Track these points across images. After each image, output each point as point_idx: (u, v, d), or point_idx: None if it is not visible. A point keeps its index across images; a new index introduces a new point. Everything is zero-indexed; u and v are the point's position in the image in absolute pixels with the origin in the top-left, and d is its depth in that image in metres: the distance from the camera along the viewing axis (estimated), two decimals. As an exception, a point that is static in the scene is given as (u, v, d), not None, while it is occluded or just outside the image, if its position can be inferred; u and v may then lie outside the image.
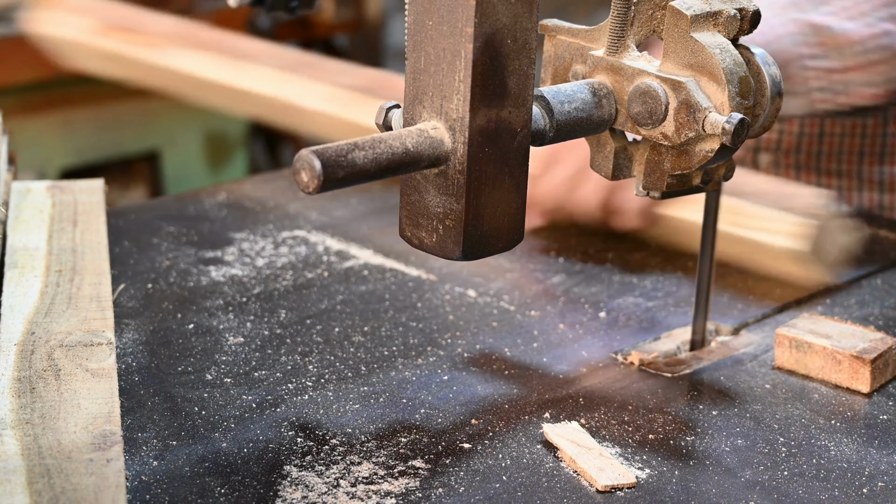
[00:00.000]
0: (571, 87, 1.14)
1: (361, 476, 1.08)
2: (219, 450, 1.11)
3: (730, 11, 1.13)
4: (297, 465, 1.09)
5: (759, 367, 1.30)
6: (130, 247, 1.51)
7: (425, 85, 1.04)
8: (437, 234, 1.06)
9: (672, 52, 1.13)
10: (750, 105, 1.12)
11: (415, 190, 1.07)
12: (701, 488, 1.08)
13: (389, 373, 1.26)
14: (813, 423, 1.20)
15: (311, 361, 1.27)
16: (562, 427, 1.15)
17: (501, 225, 1.07)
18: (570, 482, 1.09)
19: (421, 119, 1.04)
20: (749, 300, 1.46)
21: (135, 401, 1.18)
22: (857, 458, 1.14)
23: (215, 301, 1.38)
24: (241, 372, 1.24)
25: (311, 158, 0.96)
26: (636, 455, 1.13)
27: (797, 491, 1.09)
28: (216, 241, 1.54)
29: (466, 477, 1.09)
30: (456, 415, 1.18)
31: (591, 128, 1.15)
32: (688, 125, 1.11)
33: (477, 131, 1.02)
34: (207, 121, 2.93)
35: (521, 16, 1.02)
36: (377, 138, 1.01)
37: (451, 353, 1.30)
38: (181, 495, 1.04)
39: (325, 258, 1.51)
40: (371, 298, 1.41)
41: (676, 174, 1.16)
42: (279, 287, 1.43)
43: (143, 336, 1.30)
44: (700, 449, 1.15)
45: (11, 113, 1.66)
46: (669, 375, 1.28)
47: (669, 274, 1.52)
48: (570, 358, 1.30)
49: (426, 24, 1.02)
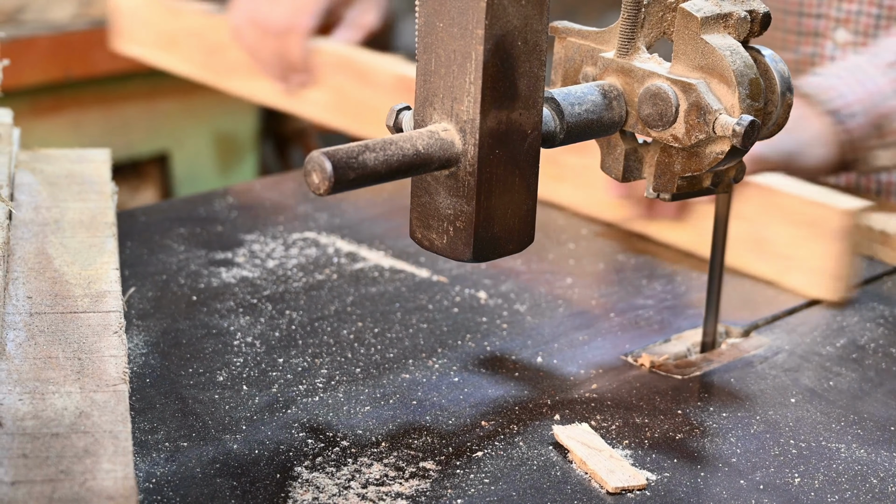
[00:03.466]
0: (582, 89, 1.14)
1: (372, 478, 1.08)
2: (230, 451, 1.11)
3: (740, 13, 1.13)
4: (307, 467, 1.09)
5: (769, 370, 1.30)
6: (141, 248, 1.52)
7: (436, 87, 1.04)
8: (448, 235, 1.06)
9: (682, 54, 1.13)
10: (760, 106, 1.12)
11: (425, 192, 1.07)
12: (711, 490, 1.08)
13: (400, 374, 1.26)
14: (824, 425, 1.20)
15: (322, 363, 1.27)
16: (572, 429, 1.15)
17: (512, 226, 1.07)
18: (580, 484, 1.09)
19: (431, 121, 1.04)
20: (759, 302, 1.46)
21: (146, 402, 1.18)
22: (867, 460, 1.14)
23: (226, 303, 1.39)
24: (251, 373, 1.24)
25: (322, 160, 0.97)
26: (647, 457, 1.13)
27: (808, 493, 1.09)
28: (227, 242, 1.54)
29: (477, 479, 1.09)
30: (466, 416, 1.18)
31: (602, 130, 1.15)
32: (698, 127, 1.11)
33: (487, 133, 1.02)
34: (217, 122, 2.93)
35: (531, 18, 1.02)
36: (388, 140, 1.01)
37: (462, 355, 1.30)
38: (192, 496, 1.04)
39: (335, 260, 1.51)
40: (381, 300, 1.41)
41: (687, 176, 1.16)
42: (290, 289, 1.43)
43: (153, 337, 1.30)
44: (710, 451, 1.15)
45: (21, 115, 1.66)
46: (680, 377, 1.28)
47: (679, 276, 1.52)
48: (581, 360, 1.30)
49: (437, 26, 1.02)
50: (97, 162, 1.53)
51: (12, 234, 1.31)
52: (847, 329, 1.39)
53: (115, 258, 1.29)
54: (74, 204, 1.41)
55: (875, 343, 1.36)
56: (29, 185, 1.44)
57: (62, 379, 1.08)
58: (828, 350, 1.34)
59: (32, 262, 1.27)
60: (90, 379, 1.08)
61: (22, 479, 0.94)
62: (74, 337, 1.15)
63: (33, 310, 1.19)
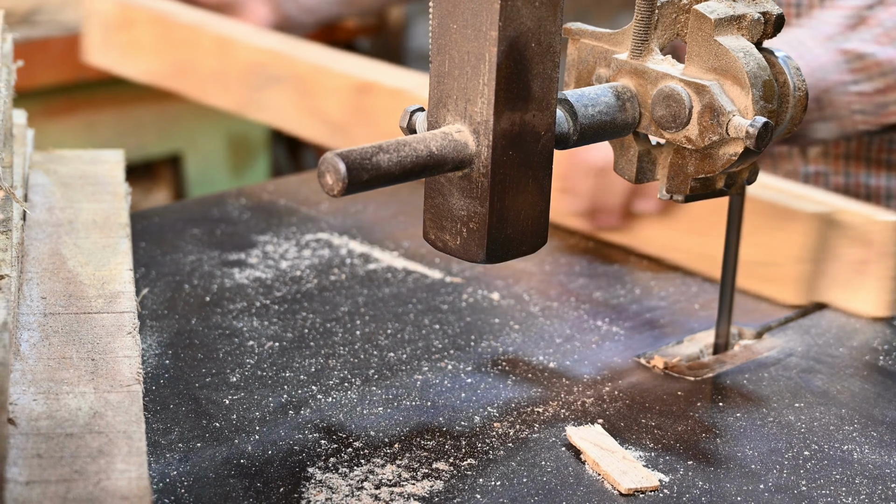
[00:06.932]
0: (595, 91, 1.14)
1: (385, 478, 1.08)
2: (243, 452, 1.11)
3: (753, 15, 1.13)
4: (320, 468, 1.09)
5: (782, 371, 1.30)
6: (154, 249, 1.52)
7: (449, 88, 1.04)
8: (461, 236, 1.06)
9: (696, 56, 1.13)
10: (774, 108, 1.12)
11: (439, 193, 1.07)
12: (724, 492, 1.08)
13: (413, 375, 1.26)
14: (837, 427, 1.19)
15: (335, 364, 1.27)
16: (585, 430, 1.15)
17: (525, 228, 1.07)
18: (593, 485, 1.09)
19: (445, 122, 1.05)
20: (772, 303, 1.45)
21: (159, 403, 1.18)
22: (881, 463, 1.14)
23: (239, 303, 1.39)
24: (265, 374, 1.24)
25: (336, 161, 0.97)
26: (659, 458, 1.13)
27: (822, 496, 1.08)
28: (240, 243, 1.55)
29: (489, 480, 1.09)
30: (479, 417, 1.19)
31: (615, 131, 1.15)
32: (711, 129, 1.11)
33: (501, 134, 1.02)
34: (229, 124, 2.93)
35: (545, 19, 1.02)
36: (402, 141, 1.01)
37: (475, 356, 1.30)
38: (206, 497, 1.04)
39: (348, 261, 1.51)
40: (394, 301, 1.41)
41: (700, 178, 1.16)
42: (303, 289, 1.43)
43: (167, 338, 1.30)
44: (723, 453, 1.14)
45: (35, 116, 1.67)
46: (693, 379, 1.28)
47: (692, 277, 1.52)
48: (594, 361, 1.30)
49: (450, 27, 1.03)
50: (111, 163, 1.54)
51: (26, 235, 1.32)
52: (860, 331, 1.39)
53: (128, 259, 1.30)
54: (88, 205, 1.41)
55: (888, 345, 1.36)
56: (43, 186, 1.45)
57: (76, 379, 1.08)
58: (841, 352, 1.34)
59: (46, 263, 1.28)
60: (104, 379, 1.09)
61: (36, 479, 0.95)
62: (88, 337, 1.15)
63: (47, 310, 1.19)
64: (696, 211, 1.51)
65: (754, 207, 1.44)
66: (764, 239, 1.45)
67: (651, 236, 1.56)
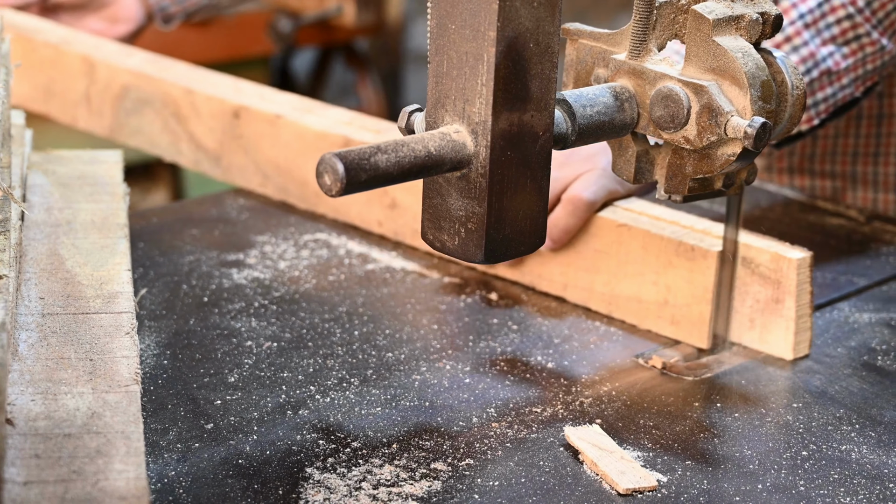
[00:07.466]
0: (593, 91, 1.14)
1: (383, 479, 1.08)
2: (241, 452, 1.11)
3: (752, 15, 1.13)
4: (319, 468, 1.09)
5: (780, 371, 1.30)
6: (152, 249, 1.52)
7: (448, 88, 1.04)
8: (460, 237, 1.06)
9: (694, 56, 1.13)
10: (772, 109, 1.12)
11: (437, 193, 1.07)
12: (722, 492, 1.08)
13: (411, 375, 1.26)
14: (835, 427, 1.19)
15: (333, 364, 1.27)
16: (583, 430, 1.15)
17: (523, 228, 1.07)
18: (591, 485, 1.09)
19: (443, 123, 1.05)
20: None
21: (157, 403, 1.18)
22: (879, 463, 1.14)
23: (237, 304, 1.39)
24: (263, 374, 1.24)
25: (334, 162, 0.97)
26: (658, 459, 1.13)
27: (820, 496, 1.08)
28: (238, 243, 1.55)
29: (488, 480, 1.09)
30: (477, 418, 1.19)
31: (613, 131, 1.15)
32: (710, 129, 1.11)
33: (499, 135, 1.02)
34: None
35: (543, 20, 1.02)
36: (400, 142, 1.01)
37: (473, 356, 1.30)
38: (204, 498, 1.04)
39: (346, 261, 1.51)
40: (393, 301, 1.41)
41: (698, 178, 1.16)
42: (301, 290, 1.43)
43: (165, 339, 1.30)
44: (722, 452, 1.15)
45: (33, 117, 1.67)
46: (691, 379, 1.28)
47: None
48: (592, 361, 1.30)
49: (449, 27, 1.03)
50: (109, 163, 1.54)
51: (25, 236, 1.32)
52: (858, 331, 1.39)
53: (126, 259, 1.30)
54: (86, 205, 1.41)
55: (886, 345, 1.36)
56: (41, 187, 1.45)
57: (74, 379, 1.08)
58: (839, 352, 1.34)
59: (45, 263, 1.27)
60: (102, 379, 1.09)
61: (34, 480, 0.95)
62: (86, 338, 1.15)
63: (45, 311, 1.19)
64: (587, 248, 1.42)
65: (656, 245, 1.35)
66: (666, 278, 1.35)
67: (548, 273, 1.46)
